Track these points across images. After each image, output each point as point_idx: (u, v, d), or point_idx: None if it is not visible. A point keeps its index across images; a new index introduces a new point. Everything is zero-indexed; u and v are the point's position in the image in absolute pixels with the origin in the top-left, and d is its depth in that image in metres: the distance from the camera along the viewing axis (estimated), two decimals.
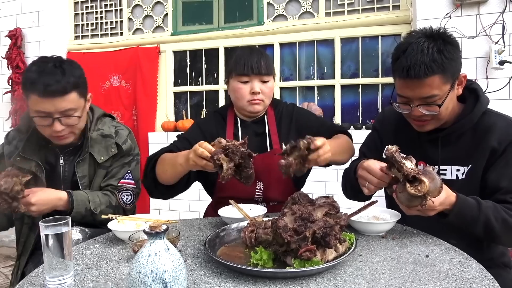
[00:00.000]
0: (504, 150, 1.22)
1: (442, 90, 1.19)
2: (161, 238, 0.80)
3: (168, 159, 1.42)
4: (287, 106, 1.70)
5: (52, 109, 1.39)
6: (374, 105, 3.17)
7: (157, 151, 1.53)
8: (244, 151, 1.17)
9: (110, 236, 1.31)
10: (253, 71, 1.49)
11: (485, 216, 1.14)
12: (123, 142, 1.62)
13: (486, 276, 0.92)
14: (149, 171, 1.48)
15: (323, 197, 1.11)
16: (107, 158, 1.59)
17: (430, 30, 1.23)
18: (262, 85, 1.52)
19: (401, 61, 1.19)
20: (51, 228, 0.96)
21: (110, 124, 1.64)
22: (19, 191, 1.28)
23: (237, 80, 1.53)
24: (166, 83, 3.69)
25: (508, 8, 2.54)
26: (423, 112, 1.22)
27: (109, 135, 1.61)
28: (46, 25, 3.72)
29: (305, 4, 3.30)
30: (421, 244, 1.15)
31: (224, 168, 1.15)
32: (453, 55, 1.20)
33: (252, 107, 1.55)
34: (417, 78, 1.16)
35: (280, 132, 1.62)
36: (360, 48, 3.17)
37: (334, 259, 0.98)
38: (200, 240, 1.25)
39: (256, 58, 1.51)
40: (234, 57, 1.56)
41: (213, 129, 1.62)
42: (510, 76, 2.54)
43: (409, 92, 1.21)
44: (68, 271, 0.97)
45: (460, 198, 1.14)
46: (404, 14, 2.98)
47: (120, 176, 1.60)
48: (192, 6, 3.62)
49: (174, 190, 1.52)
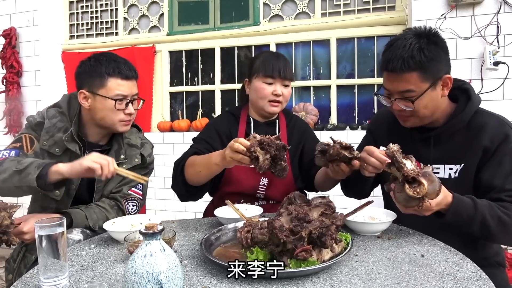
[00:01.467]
0: (496, 149, 1.23)
1: (419, 87, 1.22)
2: (157, 239, 0.80)
3: (200, 161, 1.46)
4: (299, 120, 1.81)
5: (128, 92, 1.54)
6: (369, 106, 3.18)
7: (182, 155, 1.58)
8: (279, 143, 1.23)
9: (106, 236, 1.30)
10: (279, 74, 1.59)
11: (481, 215, 1.15)
12: (148, 155, 1.67)
13: (481, 276, 0.92)
14: (179, 175, 1.53)
15: (319, 197, 1.11)
16: (130, 167, 1.60)
17: (420, 29, 1.26)
18: (284, 89, 1.62)
19: (386, 54, 1.25)
20: (45, 229, 0.95)
21: (137, 135, 1.70)
22: (9, 225, 1.19)
23: (261, 81, 1.61)
24: (161, 83, 3.68)
25: (502, 9, 2.56)
26: (400, 106, 1.27)
27: (135, 145, 1.65)
28: (41, 24, 3.70)
29: (301, 4, 3.31)
30: (416, 244, 1.16)
31: (261, 160, 1.21)
32: (435, 55, 1.21)
33: (271, 108, 1.63)
34: (393, 71, 1.22)
35: (290, 139, 1.70)
36: (356, 49, 3.18)
37: (330, 259, 0.98)
38: (196, 241, 1.25)
39: (282, 63, 1.62)
40: (261, 58, 1.64)
41: (226, 128, 1.69)
42: (504, 77, 2.56)
43: (389, 85, 1.27)
44: (63, 272, 0.96)
45: (456, 198, 1.15)
46: (399, 15, 2.99)
47: (133, 185, 1.63)
48: (188, 6, 3.61)
49: (204, 190, 1.59)
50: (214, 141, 1.64)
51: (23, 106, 3.73)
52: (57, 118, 1.56)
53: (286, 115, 1.77)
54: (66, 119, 1.57)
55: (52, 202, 1.53)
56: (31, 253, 1.52)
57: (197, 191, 1.56)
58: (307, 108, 3.17)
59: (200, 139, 1.66)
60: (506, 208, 1.17)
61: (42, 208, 1.56)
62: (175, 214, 3.50)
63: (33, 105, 3.70)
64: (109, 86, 1.49)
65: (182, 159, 1.55)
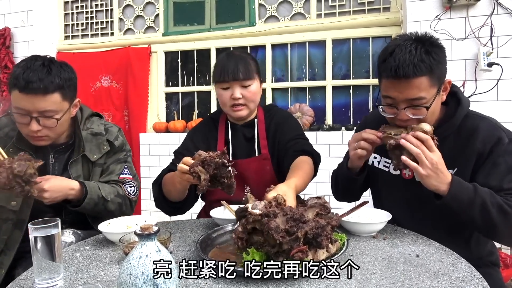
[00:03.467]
0: (490, 152, 1.23)
1: (429, 93, 1.20)
2: (152, 240, 0.80)
3: (168, 181, 1.44)
4: (279, 113, 1.68)
5: (31, 108, 1.36)
6: (365, 106, 3.20)
7: (159, 174, 1.56)
8: (219, 161, 1.18)
9: (101, 238, 1.30)
10: (232, 77, 1.50)
11: (482, 199, 1.14)
12: (114, 138, 1.63)
13: (475, 276, 0.93)
14: (158, 194, 1.51)
15: (315, 198, 1.12)
16: (100, 155, 1.58)
17: (417, 34, 1.24)
18: (243, 90, 1.52)
19: (389, 61, 1.19)
20: (40, 230, 0.95)
21: (98, 123, 1.64)
22: (32, 174, 1.26)
23: (219, 87, 1.55)
24: (157, 83, 3.67)
25: (496, 11, 2.58)
26: (410, 116, 1.22)
27: (99, 133, 1.61)
28: (35, 24, 3.68)
29: (297, 5, 3.31)
30: (411, 244, 1.16)
31: (202, 179, 1.17)
32: (441, 58, 1.21)
33: (234, 113, 1.56)
34: (406, 77, 1.17)
35: (268, 136, 1.62)
36: (351, 50, 3.19)
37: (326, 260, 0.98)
38: (192, 242, 1.24)
39: (233, 64, 1.51)
40: (215, 63, 1.59)
41: (203, 136, 1.65)
42: (498, 78, 2.58)
43: (396, 93, 1.21)
44: (57, 274, 0.96)
45: (456, 179, 1.16)
46: (394, 16, 3.00)
47: (118, 172, 1.61)
48: (183, 7, 3.61)
49: (188, 202, 1.54)
50: (191, 153, 1.50)
51: None
52: (9, 127, 1.53)
53: (266, 111, 1.67)
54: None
55: (11, 213, 1.48)
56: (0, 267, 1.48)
57: (181, 205, 1.52)
58: (303, 108, 3.18)
59: (178, 153, 1.61)
60: (507, 199, 1.16)
61: (1, 220, 1.50)
62: None
63: None
64: (12, 96, 1.37)
65: (158, 179, 1.53)
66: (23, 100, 1.35)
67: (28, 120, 1.37)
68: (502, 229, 1.16)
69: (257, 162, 1.57)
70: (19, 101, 1.35)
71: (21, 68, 1.37)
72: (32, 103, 1.35)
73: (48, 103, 1.37)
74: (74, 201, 1.45)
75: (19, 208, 1.47)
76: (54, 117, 1.41)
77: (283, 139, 1.58)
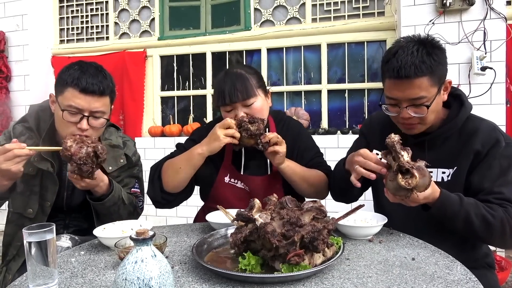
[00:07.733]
0: (487, 152, 1.27)
1: (430, 92, 1.24)
2: (148, 244, 0.79)
3: (180, 157, 1.46)
4: (292, 123, 1.65)
5: (86, 106, 1.41)
6: (360, 110, 3.21)
7: (159, 160, 1.56)
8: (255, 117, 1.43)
9: (96, 243, 1.29)
10: (230, 100, 1.43)
11: (466, 212, 1.18)
12: (132, 154, 1.67)
13: (471, 278, 0.94)
14: (156, 180, 1.50)
15: (311, 201, 1.12)
16: (116, 168, 1.59)
17: (419, 36, 1.30)
18: (247, 109, 1.45)
19: (392, 62, 1.25)
20: (34, 235, 0.94)
21: (116, 135, 1.66)
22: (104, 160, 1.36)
23: (222, 110, 1.50)
24: (153, 87, 3.67)
25: (489, 16, 2.61)
26: (411, 114, 1.27)
27: (117, 146, 1.63)
28: (30, 28, 3.67)
29: (292, 10, 3.33)
30: (407, 247, 1.17)
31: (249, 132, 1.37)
32: (441, 59, 1.26)
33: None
34: (407, 78, 1.22)
35: None
36: (346, 54, 3.21)
37: (322, 263, 0.98)
38: (188, 246, 1.24)
39: (229, 85, 1.43)
40: (213, 85, 1.56)
41: None
42: (491, 82, 2.61)
43: (398, 93, 1.26)
44: (52, 279, 0.95)
45: (444, 195, 1.18)
46: (389, 20, 3.03)
47: (131, 186, 1.64)
48: (179, 11, 3.62)
49: (180, 198, 1.54)
50: None
51: (12, 111, 3.69)
52: (24, 135, 1.51)
53: (276, 119, 1.63)
54: (35, 135, 1.51)
55: (26, 221, 1.49)
56: (8, 273, 1.50)
57: (173, 198, 1.52)
58: (298, 112, 3.19)
59: (183, 147, 1.60)
60: (492, 209, 1.19)
61: (17, 226, 1.52)
62: (167, 219, 3.48)
63: (22, 110, 3.66)
64: (65, 95, 1.42)
65: (159, 164, 1.52)
66: (80, 99, 1.40)
67: (78, 119, 1.42)
68: (483, 236, 1.21)
69: (268, 181, 1.54)
70: (75, 99, 1.40)
71: (77, 71, 1.43)
72: (89, 102, 1.41)
73: (101, 103, 1.44)
74: (98, 195, 1.46)
75: (35, 215, 1.49)
76: (103, 117, 1.47)
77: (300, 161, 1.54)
